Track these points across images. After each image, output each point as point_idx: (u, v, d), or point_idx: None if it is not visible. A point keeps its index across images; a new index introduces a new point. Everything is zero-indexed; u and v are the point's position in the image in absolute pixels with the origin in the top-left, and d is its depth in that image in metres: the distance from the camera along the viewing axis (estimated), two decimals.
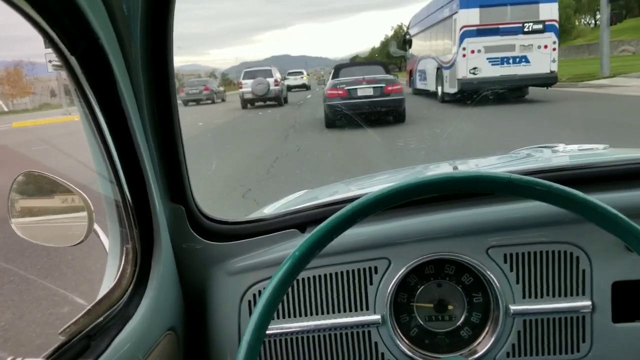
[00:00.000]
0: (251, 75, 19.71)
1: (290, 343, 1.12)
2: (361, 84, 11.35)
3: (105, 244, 1.02)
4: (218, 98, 26.19)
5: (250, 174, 7.30)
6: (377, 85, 11.31)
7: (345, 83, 11.49)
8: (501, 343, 1.09)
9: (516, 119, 11.39)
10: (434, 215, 1.13)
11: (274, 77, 19.75)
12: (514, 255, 1.09)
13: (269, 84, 19.16)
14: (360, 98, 11.25)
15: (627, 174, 1.14)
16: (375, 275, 1.11)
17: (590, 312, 1.07)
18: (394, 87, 11.35)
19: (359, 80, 11.43)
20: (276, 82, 19.74)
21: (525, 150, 1.85)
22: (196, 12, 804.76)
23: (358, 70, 12.47)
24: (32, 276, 3.76)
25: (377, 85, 11.32)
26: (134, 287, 0.96)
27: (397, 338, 1.11)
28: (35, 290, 3.64)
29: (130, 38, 0.90)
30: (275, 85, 19.47)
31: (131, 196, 0.95)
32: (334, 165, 7.51)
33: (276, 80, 19.81)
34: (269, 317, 0.70)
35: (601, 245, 1.07)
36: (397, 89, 11.36)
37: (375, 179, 1.99)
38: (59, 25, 0.75)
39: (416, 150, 7.95)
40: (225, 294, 1.15)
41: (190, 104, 24.65)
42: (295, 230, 1.18)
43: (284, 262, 0.71)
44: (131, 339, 0.88)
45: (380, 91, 11.26)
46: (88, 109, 0.87)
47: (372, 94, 11.27)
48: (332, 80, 12.08)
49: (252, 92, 19.16)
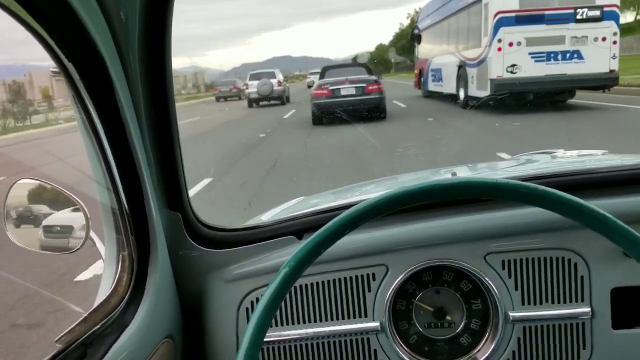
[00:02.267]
0: (256, 77, 22.12)
1: (288, 350, 1.12)
2: (344, 84, 12.48)
3: (102, 251, 1.01)
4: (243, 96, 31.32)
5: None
6: (358, 85, 12.45)
7: (329, 83, 12.65)
8: (501, 350, 1.09)
9: (592, 136, 8.21)
10: (432, 222, 1.13)
11: (277, 79, 22.05)
12: (513, 261, 1.09)
13: (272, 84, 21.40)
14: (343, 97, 12.41)
15: (625, 180, 1.14)
16: (374, 282, 1.11)
17: (589, 318, 1.07)
18: (374, 87, 12.53)
19: (342, 81, 12.55)
20: (279, 82, 21.99)
21: (525, 156, 1.85)
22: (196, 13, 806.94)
23: (342, 72, 13.53)
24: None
25: (358, 85, 12.45)
26: (131, 295, 0.96)
27: (397, 345, 1.10)
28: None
29: (128, 44, 0.90)
30: (278, 86, 21.71)
31: (128, 203, 0.94)
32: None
33: (279, 81, 22.06)
34: (267, 324, 0.69)
35: (599, 252, 1.07)
36: (376, 88, 12.52)
37: (372, 186, 1.99)
38: (56, 32, 0.75)
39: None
40: (223, 301, 1.15)
41: (221, 99, 31.58)
42: (293, 237, 1.17)
43: (281, 269, 0.71)
44: (128, 347, 0.88)
45: (361, 90, 12.40)
46: (85, 116, 0.87)
47: (354, 93, 12.42)
48: (318, 81, 13.33)
49: (257, 92, 21.38)
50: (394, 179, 2.12)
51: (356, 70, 13.83)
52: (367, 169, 7.06)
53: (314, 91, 12.99)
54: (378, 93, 12.52)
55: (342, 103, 12.30)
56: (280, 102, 22.04)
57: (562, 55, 11.38)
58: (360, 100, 12.41)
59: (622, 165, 1.22)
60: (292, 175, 7.08)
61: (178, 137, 1.07)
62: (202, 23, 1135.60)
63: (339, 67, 15.26)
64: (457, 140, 8.83)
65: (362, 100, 12.42)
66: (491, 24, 11.60)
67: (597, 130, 8.89)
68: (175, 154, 1.07)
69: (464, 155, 7.17)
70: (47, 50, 0.79)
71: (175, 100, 1.05)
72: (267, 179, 7.14)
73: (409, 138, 9.70)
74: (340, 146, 9.45)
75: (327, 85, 12.65)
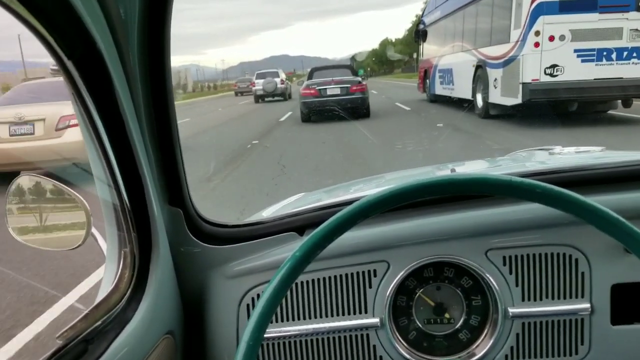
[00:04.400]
0: (262, 76, 25.45)
1: (288, 346, 1.12)
2: (330, 85, 13.62)
3: (103, 247, 1.02)
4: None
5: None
6: (343, 86, 13.57)
7: (316, 84, 13.75)
8: (500, 346, 1.09)
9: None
10: (433, 218, 1.13)
11: (280, 77, 25.20)
12: (513, 257, 1.09)
13: (276, 83, 24.37)
14: (329, 96, 13.51)
15: (624, 176, 1.14)
16: (375, 278, 1.11)
17: (589, 314, 1.07)
18: (358, 87, 13.65)
19: (328, 82, 13.70)
20: (282, 81, 25.12)
21: (523, 153, 1.84)
22: (195, 12, 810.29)
23: (329, 73, 14.73)
24: None
25: (343, 85, 13.58)
26: (132, 291, 0.96)
27: (396, 341, 1.10)
28: None
29: (128, 41, 0.90)
30: (281, 84, 24.72)
31: (129, 199, 0.95)
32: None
33: (282, 80, 25.22)
34: (268, 319, 0.69)
35: (600, 248, 1.07)
36: (360, 88, 13.63)
37: (374, 181, 1.99)
38: (56, 29, 0.74)
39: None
40: (224, 297, 1.15)
41: (238, 94, 36.94)
42: (294, 233, 1.17)
43: (282, 265, 0.71)
44: (129, 343, 0.88)
45: (346, 90, 13.51)
46: (86, 113, 0.87)
47: (339, 93, 13.53)
48: (306, 81, 14.43)
49: (263, 89, 24.26)
50: (394, 175, 2.11)
51: (341, 71, 14.97)
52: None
53: (303, 91, 14.01)
54: (361, 93, 13.58)
55: (328, 102, 13.35)
56: (283, 98, 24.54)
57: (618, 53, 8.82)
58: (345, 99, 13.39)
59: (620, 162, 1.22)
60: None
61: (177, 132, 1.07)
62: (202, 22, 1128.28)
63: (325, 68, 16.15)
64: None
65: (347, 99, 13.40)
66: (526, 12, 8.99)
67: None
68: (175, 150, 1.07)
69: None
70: (46, 48, 0.79)
71: (174, 97, 1.05)
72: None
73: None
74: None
75: (315, 85, 13.68)
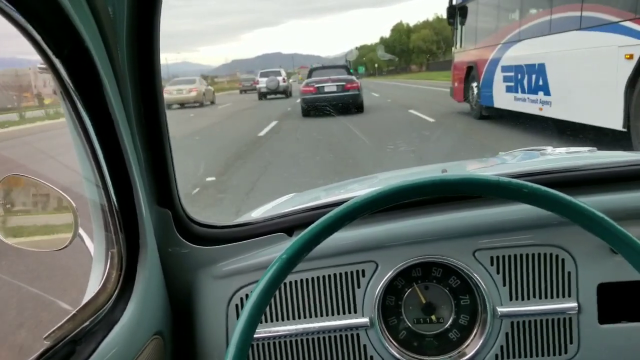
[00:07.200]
0: (265, 74, 27.73)
1: (278, 346, 1.12)
2: (327, 83, 15.26)
3: (90, 248, 1.01)
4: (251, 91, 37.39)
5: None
6: (339, 84, 15.24)
7: (315, 82, 15.48)
8: (489, 345, 1.10)
9: None
10: (421, 219, 1.13)
11: (282, 76, 27.26)
12: (501, 257, 1.09)
13: (278, 81, 26.16)
14: (326, 93, 15.17)
15: (613, 177, 1.15)
16: (363, 278, 1.11)
17: (576, 313, 1.08)
18: (352, 85, 15.31)
19: (326, 80, 15.38)
20: (284, 79, 27.02)
21: (514, 153, 1.83)
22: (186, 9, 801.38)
23: (327, 72, 16.54)
24: None
25: (339, 83, 15.26)
26: (120, 292, 0.95)
27: (386, 341, 1.10)
28: None
29: (116, 40, 0.90)
30: (282, 82, 26.58)
31: (117, 200, 0.94)
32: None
33: (284, 79, 27.15)
34: (257, 320, 0.69)
35: (587, 248, 1.08)
36: (354, 86, 15.28)
37: (363, 182, 1.99)
38: (44, 28, 0.74)
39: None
40: (212, 298, 1.15)
41: (243, 92, 37.97)
42: (283, 234, 1.17)
43: (271, 265, 0.71)
44: (117, 343, 0.87)
45: (341, 88, 15.20)
46: (74, 112, 0.87)
47: (335, 90, 15.17)
48: (306, 80, 16.28)
49: (266, 87, 26.18)
50: (387, 174, 2.11)
51: (337, 71, 16.88)
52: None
53: (303, 88, 15.77)
54: (355, 90, 15.21)
55: (326, 98, 15.01)
56: (284, 95, 26.42)
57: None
58: (341, 95, 15.06)
59: (610, 163, 1.23)
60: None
61: (168, 132, 1.07)
62: (193, 19, 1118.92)
63: (324, 68, 17.99)
64: None
65: (342, 95, 15.06)
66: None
67: None
68: (165, 150, 1.07)
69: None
70: (34, 46, 0.78)
71: (164, 96, 1.05)
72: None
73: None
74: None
75: (313, 83, 15.43)
